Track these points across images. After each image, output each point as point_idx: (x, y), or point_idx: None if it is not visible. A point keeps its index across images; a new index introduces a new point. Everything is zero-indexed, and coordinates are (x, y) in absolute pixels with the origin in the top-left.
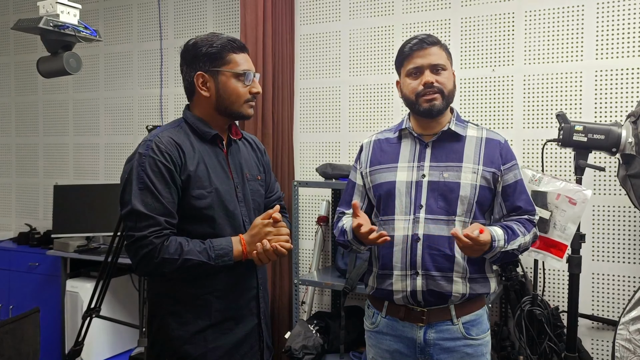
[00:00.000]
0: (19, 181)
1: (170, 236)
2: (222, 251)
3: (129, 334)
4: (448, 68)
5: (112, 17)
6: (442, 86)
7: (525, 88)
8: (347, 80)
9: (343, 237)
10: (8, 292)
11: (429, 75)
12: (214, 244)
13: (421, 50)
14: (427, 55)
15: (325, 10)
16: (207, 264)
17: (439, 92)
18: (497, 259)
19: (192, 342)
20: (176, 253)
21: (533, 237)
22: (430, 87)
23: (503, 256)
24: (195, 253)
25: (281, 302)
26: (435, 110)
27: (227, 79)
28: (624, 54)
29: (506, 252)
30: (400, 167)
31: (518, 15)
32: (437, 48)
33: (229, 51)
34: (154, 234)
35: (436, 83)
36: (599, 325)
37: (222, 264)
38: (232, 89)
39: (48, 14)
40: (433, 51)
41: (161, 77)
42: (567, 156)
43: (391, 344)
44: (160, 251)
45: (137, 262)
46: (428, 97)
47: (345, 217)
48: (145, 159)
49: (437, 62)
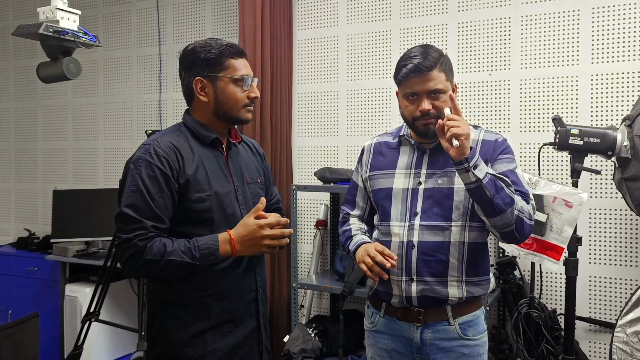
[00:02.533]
0: (18, 186)
1: (155, 238)
2: (207, 250)
3: (128, 338)
4: (447, 89)
5: (111, 23)
6: (439, 111)
7: (521, 92)
8: (345, 85)
9: (345, 242)
10: (7, 297)
11: (425, 103)
12: (199, 243)
13: (418, 77)
14: (425, 81)
15: (323, 15)
16: (192, 264)
17: (435, 117)
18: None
19: (191, 345)
20: (159, 254)
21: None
22: (426, 115)
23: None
24: (178, 253)
25: (280, 306)
26: (430, 133)
27: (226, 84)
28: (619, 58)
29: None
30: (398, 174)
31: (514, 20)
32: (436, 71)
33: (227, 56)
34: (139, 237)
35: (432, 110)
36: (596, 328)
37: (208, 263)
38: (230, 94)
39: (48, 20)
40: (431, 77)
41: (160, 82)
42: (564, 159)
43: (389, 343)
44: (144, 253)
45: (123, 263)
46: (424, 122)
47: (352, 219)
48: (141, 163)
49: (435, 87)
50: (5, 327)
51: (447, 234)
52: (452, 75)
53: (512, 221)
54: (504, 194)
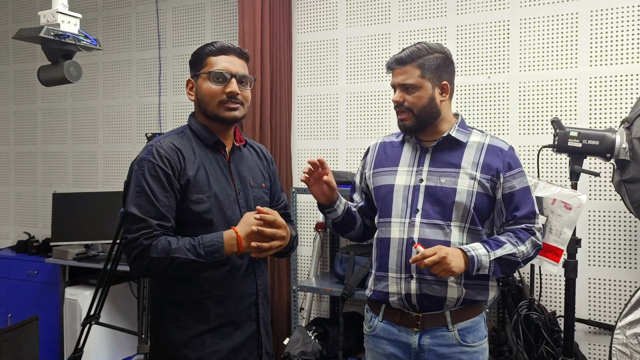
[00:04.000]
0: (17, 189)
1: (161, 236)
2: (212, 247)
3: (128, 341)
4: (422, 86)
5: (111, 26)
6: (411, 105)
7: (520, 95)
8: (345, 88)
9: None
10: (7, 300)
11: (397, 94)
12: (204, 241)
13: (393, 70)
14: (397, 75)
15: (323, 18)
16: (197, 261)
17: (407, 110)
18: (495, 270)
19: (190, 346)
20: (164, 252)
21: (533, 245)
22: (398, 106)
23: (499, 266)
24: (183, 251)
25: (280, 309)
26: (405, 128)
27: (203, 80)
28: (617, 60)
29: (501, 261)
30: (400, 171)
31: (513, 23)
32: (411, 67)
33: (207, 54)
34: (144, 236)
35: (405, 102)
36: (595, 330)
37: (213, 260)
38: (205, 90)
39: (49, 24)
40: (402, 70)
41: (160, 86)
42: (563, 162)
43: (387, 348)
44: (149, 251)
45: (130, 263)
46: (399, 115)
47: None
48: (144, 163)
49: (405, 82)
50: (5, 330)
51: (447, 234)
52: (439, 75)
53: (521, 266)
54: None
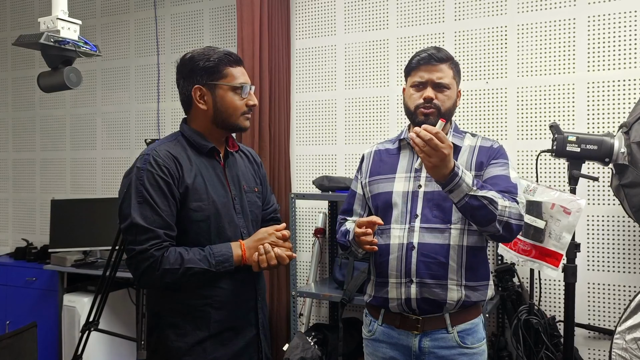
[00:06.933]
0: (15, 196)
1: (170, 247)
2: (222, 257)
3: (127, 348)
4: (452, 87)
5: (109, 33)
6: (441, 104)
7: (518, 100)
8: (343, 94)
9: (344, 238)
10: (5, 307)
11: (430, 91)
12: (214, 251)
13: (428, 66)
14: (433, 71)
15: (321, 24)
16: (209, 271)
17: (436, 108)
18: (465, 205)
19: (191, 354)
20: (177, 263)
21: (515, 210)
22: (429, 102)
23: (474, 202)
24: (195, 261)
25: (279, 314)
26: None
27: (225, 92)
28: (615, 65)
29: (477, 201)
30: (398, 178)
31: (511, 29)
32: (446, 66)
33: (225, 65)
34: (155, 247)
35: (436, 100)
36: (595, 335)
37: (223, 269)
38: (229, 102)
39: (49, 30)
40: (439, 68)
41: (158, 92)
42: (561, 166)
43: (387, 352)
44: (161, 263)
45: (140, 275)
46: (425, 110)
47: (349, 221)
48: (143, 173)
49: (441, 80)
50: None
51: (446, 237)
52: (459, 80)
53: (498, 230)
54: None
